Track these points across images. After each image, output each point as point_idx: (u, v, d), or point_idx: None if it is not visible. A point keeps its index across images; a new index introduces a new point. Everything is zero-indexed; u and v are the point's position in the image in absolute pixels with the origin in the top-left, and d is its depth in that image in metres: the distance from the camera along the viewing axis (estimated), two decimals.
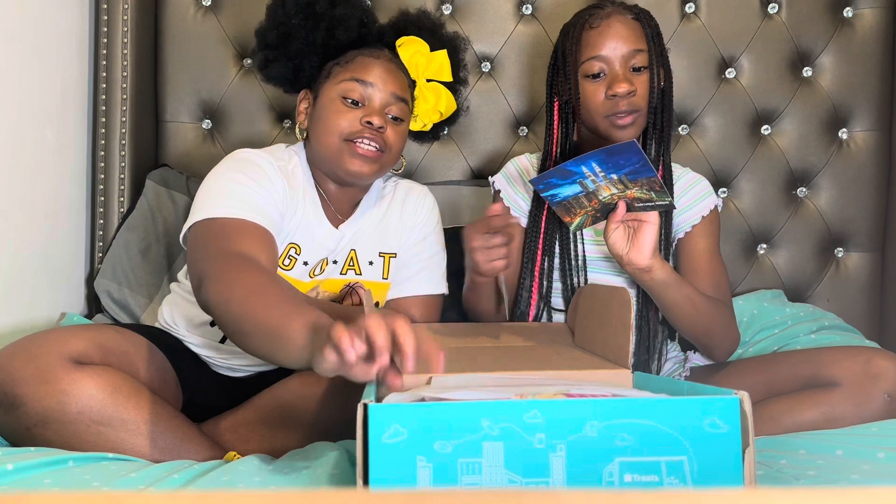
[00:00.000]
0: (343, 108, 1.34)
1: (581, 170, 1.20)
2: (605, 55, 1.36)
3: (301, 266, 1.37)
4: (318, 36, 1.38)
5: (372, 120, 1.33)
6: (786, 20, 1.86)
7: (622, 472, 0.82)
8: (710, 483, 0.82)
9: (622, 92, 1.33)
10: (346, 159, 1.34)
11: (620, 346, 1.10)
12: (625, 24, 1.37)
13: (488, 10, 1.89)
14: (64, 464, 1.02)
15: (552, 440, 0.81)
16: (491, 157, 1.91)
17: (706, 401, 0.84)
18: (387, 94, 1.35)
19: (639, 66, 1.36)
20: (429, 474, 0.80)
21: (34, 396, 1.10)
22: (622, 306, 1.12)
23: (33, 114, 1.56)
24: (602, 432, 0.82)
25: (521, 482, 0.81)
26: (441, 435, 0.80)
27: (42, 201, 1.60)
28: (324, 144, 1.36)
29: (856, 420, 1.21)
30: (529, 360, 1.17)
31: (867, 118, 1.87)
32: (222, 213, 1.22)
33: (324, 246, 1.39)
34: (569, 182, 1.22)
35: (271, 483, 0.99)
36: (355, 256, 1.42)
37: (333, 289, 1.40)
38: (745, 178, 1.89)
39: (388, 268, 1.45)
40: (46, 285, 1.62)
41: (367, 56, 1.38)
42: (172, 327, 1.42)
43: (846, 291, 1.89)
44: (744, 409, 0.84)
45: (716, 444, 0.83)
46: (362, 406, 0.80)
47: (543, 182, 1.23)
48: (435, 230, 1.51)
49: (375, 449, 0.79)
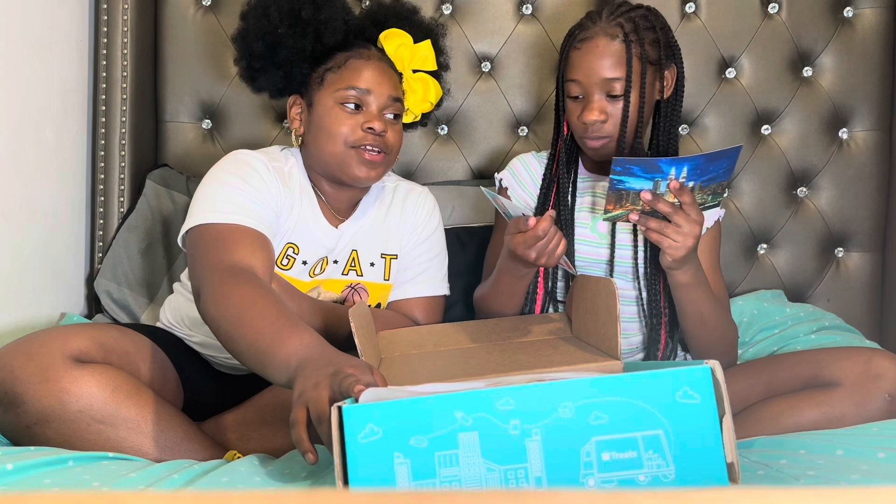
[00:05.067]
0: (343, 114, 1.34)
1: (669, 171, 1.19)
2: (581, 80, 1.36)
3: (300, 265, 1.37)
4: (306, 43, 1.36)
5: (374, 126, 1.33)
6: (786, 20, 1.86)
7: (599, 451, 0.81)
8: (689, 454, 0.82)
9: (590, 121, 1.34)
10: (354, 165, 1.34)
11: (610, 336, 1.11)
12: (607, 49, 1.34)
13: (488, 10, 1.89)
14: (64, 463, 1.02)
15: (526, 425, 0.81)
16: (491, 157, 1.91)
17: (676, 372, 0.83)
18: (383, 97, 1.36)
19: (615, 93, 1.34)
20: (407, 470, 0.80)
21: (35, 395, 1.10)
22: (608, 296, 1.13)
23: (33, 114, 1.56)
24: (576, 413, 0.82)
25: (499, 470, 0.81)
26: (416, 430, 0.80)
27: (42, 201, 1.60)
28: (327, 152, 1.35)
29: (856, 420, 1.21)
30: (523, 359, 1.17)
31: (867, 118, 1.87)
32: (218, 219, 1.23)
33: (322, 245, 1.39)
34: (647, 176, 1.20)
35: (271, 484, 0.99)
36: (357, 257, 1.42)
37: (335, 289, 1.40)
38: (746, 178, 1.89)
39: (390, 269, 1.45)
40: (46, 285, 1.62)
41: (358, 59, 1.37)
42: (175, 326, 1.43)
43: (846, 291, 1.89)
44: (716, 377, 0.83)
45: (691, 415, 0.82)
46: (336, 409, 0.81)
47: (625, 165, 1.19)
48: (436, 232, 1.51)
49: (352, 449, 0.80)
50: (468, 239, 1.76)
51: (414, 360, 1.20)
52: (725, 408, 0.83)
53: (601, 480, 0.81)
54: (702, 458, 0.82)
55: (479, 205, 1.81)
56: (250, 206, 1.27)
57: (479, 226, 1.80)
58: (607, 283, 1.13)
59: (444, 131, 1.91)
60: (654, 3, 1.58)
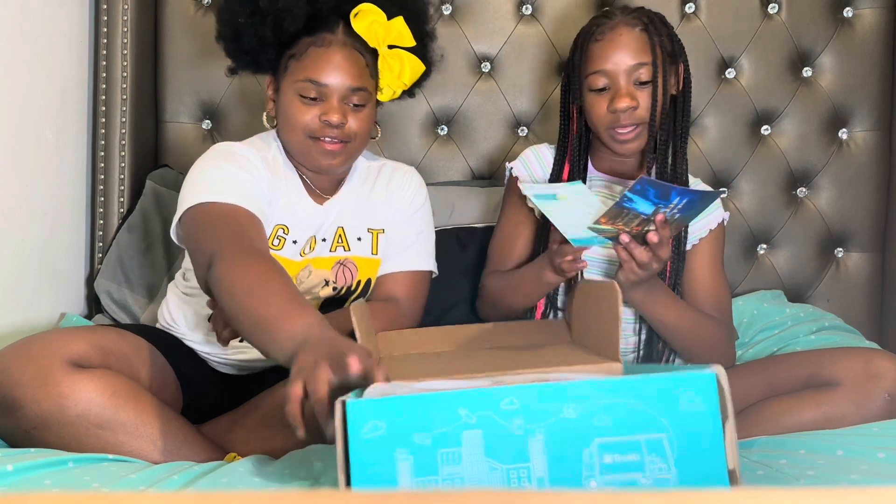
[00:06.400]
0: (302, 106, 1.34)
1: (673, 201, 1.17)
2: (608, 69, 1.36)
3: (290, 245, 1.38)
4: (266, 31, 1.35)
5: (330, 119, 1.32)
6: (786, 20, 1.86)
7: (602, 454, 0.81)
8: (691, 459, 0.82)
9: (622, 108, 1.34)
10: (315, 155, 1.36)
11: (610, 339, 1.11)
12: (630, 36, 1.36)
13: (488, 10, 1.89)
14: (64, 465, 1.02)
15: (530, 425, 0.81)
16: (491, 158, 1.91)
17: (681, 377, 0.83)
18: (343, 89, 1.34)
19: (643, 80, 1.36)
20: (409, 467, 0.80)
21: (33, 399, 1.09)
22: (611, 299, 1.13)
23: (33, 114, 1.56)
24: (579, 414, 0.82)
25: (501, 469, 0.81)
26: (419, 427, 0.80)
27: (42, 201, 1.60)
28: (290, 140, 1.38)
29: (856, 420, 1.21)
30: (522, 359, 1.17)
31: (867, 118, 1.87)
32: (220, 199, 1.25)
33: (310, 223, 1.40)
34: (655, 202, 1.18)
35: (271, 485, 0.99)
36: (343, 233, 1.42)
37: (325, 266, 1.40)
38: (745, 179, 1.89)
39: (378, 244, 1.44)
40: (46, 285, 1.62)
41: (319, 47, 1.34)
42: (172, 326, 1.42)
43: (846, 292, 1.89)
44: (720, 383, 0.83)
45: (694, 420, 0.82)
46: (340, 403, 0.81)
47: (645, 185, 1.16)
48: (422, 208, 1.50)
49: (355, 445, 0.80)
50: (468, 239, 1.75)
51: (413, 360, 1.20)
52: (729, 414, 0.83)
53: (603, 482, 0.81)
54: (703, 463, 0.82)
55: (479, 205, 1.81)
56: (246, 190, 1.28)
57: (479, 226, 1.79)
58: (611, 285, 1.13)
59: (443, 131, 1.91)
60: (654, 3, 1.59)
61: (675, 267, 1.41)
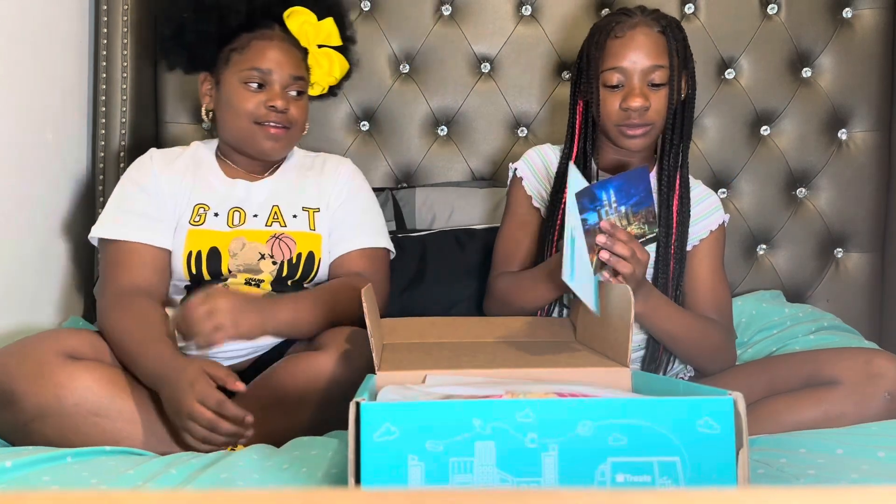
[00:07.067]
0: (247, 93, 1.42)
1: (602, 196, 1.17)
2: (624, 67, 1.37)
3: (212, 218, 1.43)
4: (209, 26, 1.45)
5: (275, 104, 1.41)
6: (785, 20, 1.86)
7: (614, 472, 0.82)
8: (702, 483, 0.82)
9: (635, 107, 1.35)
10: (259, 140, 1.43)
11: (620, 343, 1.10)
12: (649, 37, 1.37)
13: (488, 11, 1.89)
14: (62, 460, 1.02)
15: (544, 440, 0.81)
16: (491, 158, 1.91)
17: (699, 401, 0.84)
18: (285, 76, 1.43)
19: (657, 82, 1.37)
20: (420, 473, 0.80)
21: (30, 391, 1.13)
22: (623, 304, 1.11)
23: (33, 114, 1.57)
24: (594, 432, 0.82)
25: (512, 482, 0.81)
26: (433, 434, 0.81)
27: (42, 201, 1.60)
28: (235, 127, 1.44)
29: (856, 419, 1.21)
30: (529, 356, 1.17)
31: (867, 118, 1.87)
32: (118, 235, 1.38)
33: (234, 196, 1.46)
34: (592, 207, 1.17)
35: (270, 481, 0.98)
36: (279, 210, 1.47)
37: (258, 239, 1.43)
38: (745, 179, 1.89)
39: (314, 220, 1.47)
40: (47, 288, 1.62)
41: (261, 40, 1.44)
42: None
43: (846, 292, 1.89)
44: (738, 409, 0.83)
45: (709, 444, 0.83)
46: (354, 404, 0.81)
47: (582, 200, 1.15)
48: (361, 190, 1.54)
49: (367, 447, 0.80)
50: (468, 240, 1.75)
51: (418, 348, 1.20)
52: (744, 440, 0.83)
53: None
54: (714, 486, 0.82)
55: (479, 206, 1.81)
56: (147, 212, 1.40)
57: (479, 227, 1.79)
58: (623, 289, 1.12)
59: (443, 132, 1.91)
60: (655, 4, 1.59)
61: (676, 268, 1.41)
